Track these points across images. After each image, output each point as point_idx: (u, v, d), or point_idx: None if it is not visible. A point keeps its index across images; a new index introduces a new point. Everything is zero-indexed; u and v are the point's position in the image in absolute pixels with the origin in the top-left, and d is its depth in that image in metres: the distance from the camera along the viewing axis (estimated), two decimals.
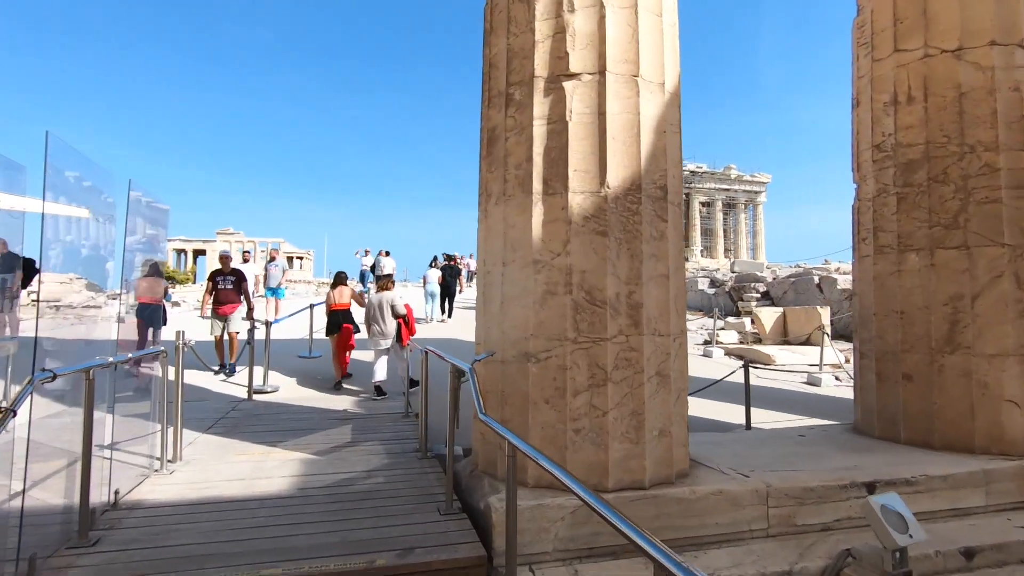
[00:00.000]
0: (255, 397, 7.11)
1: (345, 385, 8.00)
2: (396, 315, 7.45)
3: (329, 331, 8.17)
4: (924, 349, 4.90)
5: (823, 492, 3.84)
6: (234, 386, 7.73)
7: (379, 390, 7.31)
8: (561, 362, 3.65)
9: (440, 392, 5.22)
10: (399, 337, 7.43)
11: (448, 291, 15.05)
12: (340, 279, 8.89)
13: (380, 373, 7.40)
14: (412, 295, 15.68)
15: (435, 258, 17.27)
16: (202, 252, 70.49)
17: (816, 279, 16.77)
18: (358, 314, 8.44)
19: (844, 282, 15.92)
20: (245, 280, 8.26)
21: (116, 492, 3.46)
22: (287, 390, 7.66)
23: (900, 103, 5.16)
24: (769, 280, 19.06)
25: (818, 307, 13.37)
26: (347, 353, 8.34)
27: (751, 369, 8.76)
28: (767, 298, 18.43)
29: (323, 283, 44.43)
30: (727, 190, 56.52)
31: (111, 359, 3.25)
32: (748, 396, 6.57)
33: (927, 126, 4.98)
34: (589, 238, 3.69)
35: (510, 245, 3.89)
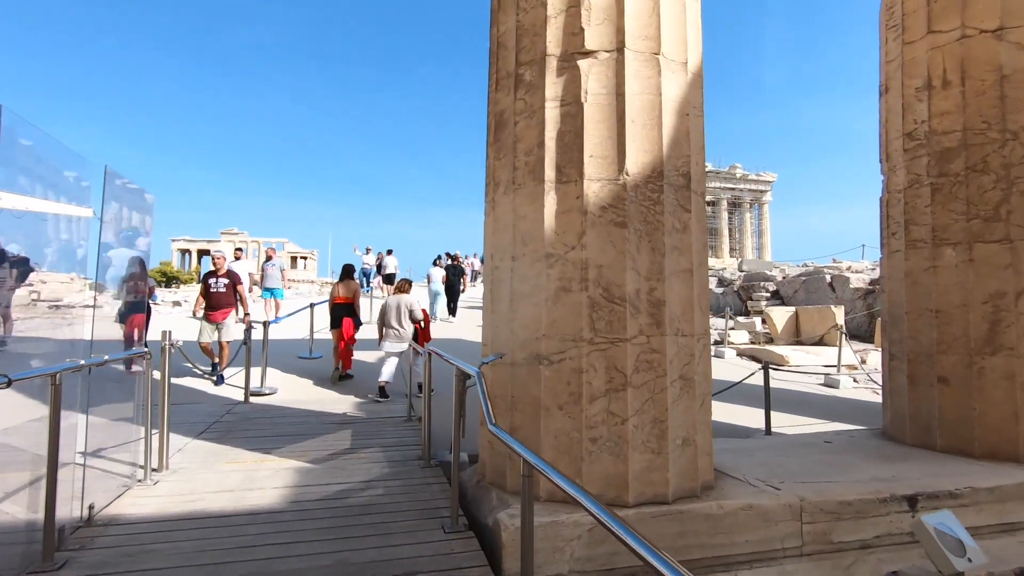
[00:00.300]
0: (252, 399, 6.83)
1: (346, 387, 7.73)
2: (413, 320, 7.26)
3: (332, 325, 8.17)
4: (962, 350, 4.58)
5: (861, 506, 3.53)
6: (231, 388, 7.44)
7: (383, 391, 7.05)
8: (576, 365, 3.35)
9: (444, 395, 4.92)
10: (415, 342, 7.22)
11: (452, 290, 14.78)
12: (347, 272, 8.70)
13: (386, 374, 7.17)
14: (416, 294, 15.40)
15: (439, 257, 17.01)
16: (206, 252, 70.31)
17: (828, 278, 16.40)
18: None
19: (857, 281, 15.56)
20: (240, 282, 7.81)
21: (91, 507, 3.17)
22: (286, 392, 7.38)
23: (934, 88, 4.84)
24: (779, 279, 18.68)
25: (832, 306, 13.02)
26: (349, 349, 8.10)
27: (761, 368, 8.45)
28: (777, 297, 18.06)
29: (327, 283, 44.19)
30: (732, 189, 56.12)
31: (82, 361, 2.96)
32: (768, 400, 6.25)
33: (964, 112, 4.66)
34: (606, 230, 3.39)
35: (520, 238, 3.59)
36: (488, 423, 2.55)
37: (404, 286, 7.78)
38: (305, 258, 75.03)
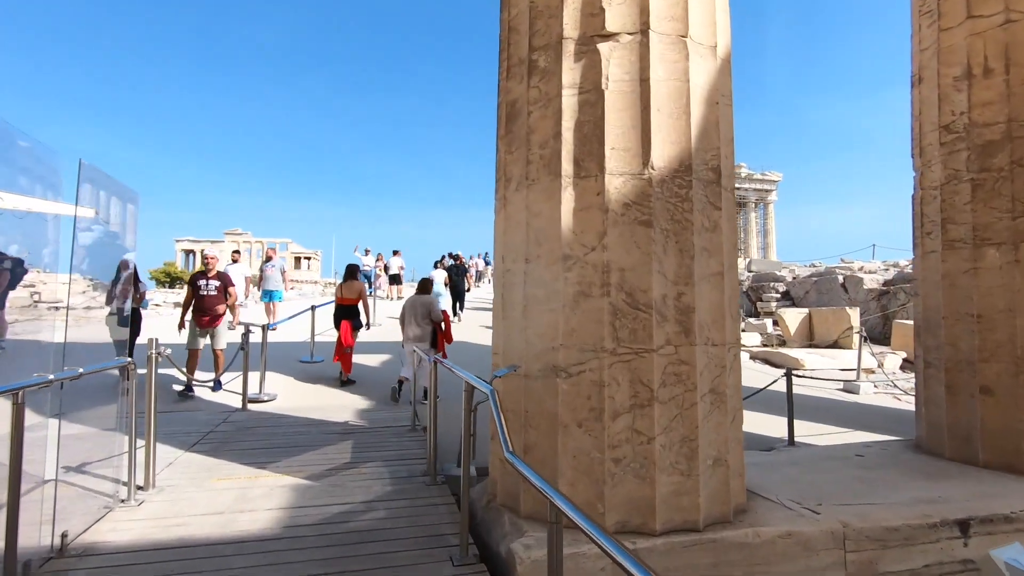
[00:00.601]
0: (250, 406, 6.54)
1: (348, 393, 7.43)
2: (433, 319, 7.10)
3: (336, 326, 8.01)
4: (1007, 358, 4.26)
5: (909, 532, 3.22)
6: (229, 394, 7.15)
7: (401, 386, 6.95)
8: (597, 377, 3.04)
9: (450, 400, 4.62)
10: (434, 343, 7.05)
11: (456, 291, 14.50)
12: (350, 273, 8.44)
13: (406, 370, 6.99)
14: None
15: (442, 258, 16.74)
16: None
17: (841, 278, 16.05)
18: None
19: (871, 281, 15.22)
20: (232, 285, 7.29)
21: (63, 535, 2.88)
22: (285, 398, 7.09)
23: (975, 76, 4.52)
24: (789, 280, 18.34)
25: (847, 308, 12.68)
26: (346, 354, 7.81)
27: (778, 373, 8.12)
28: (787, 298, 17.72)
29: (330, 283, 44.04)
30: (737, 188, 55.60)
31: (51, 376, 2.67)
32: (791, 409, 5.93)
33: (1009, 101, 4.34)
34: (630, 229, 3.08)
35: (534, 238, 3.29)
36: (504, 450, 2.25)
37: (426, 286, 7.67)
38: (309, 258, 74.97)
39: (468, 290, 16.50)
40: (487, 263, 27.79)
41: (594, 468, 3.01)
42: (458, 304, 14.53)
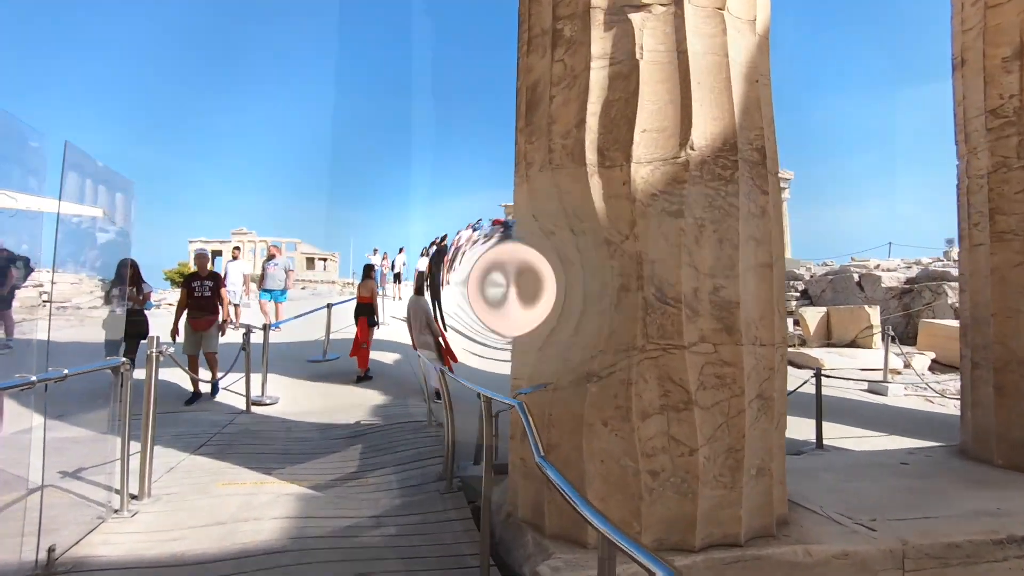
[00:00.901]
0: (253, 409, 6.31)
1: (361, 391, 7.21)
2: (433, 333, 6.90)
3: (355, 321, 8.18)
4: None
5: (972, 550, 2.92)
6: (235, 396, 6.91)
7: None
8: (625, 376, 2.75)
9: (464, 396, 4.35)
10: (440, 358, 6.76)
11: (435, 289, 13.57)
12: (366, 272, 8.94)
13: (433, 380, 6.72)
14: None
15: (431, 244, 15.11)
16: (219, 252, 70.54)
17: (856, 276, 15.67)
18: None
19: (890, 280, 14.84)
20: (224, 285, 7.14)
21: (51, 549, 2.65)
22: (294, 399, 6.86)
23: None
24: (807, 278, 17.96)
25: (866, 307, 12.32)
26: (362, 349, 7.65)
27: (801, 373, 7.82)
28: (805, 297, 17.35)
29: (347, 284, 44.12)
30: None
31: (33, 378, 2.43)
32: (820, 411, 5.65)
33: None
34: (658, 219, 2.79)
35: (572, 212, 2.99)
36: (536, 455, 1.98)
37: (421, 284, 7.34)
38: (324, 260, 75.09)
39: None
40: None
41: (628, 481, 2.72)
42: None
